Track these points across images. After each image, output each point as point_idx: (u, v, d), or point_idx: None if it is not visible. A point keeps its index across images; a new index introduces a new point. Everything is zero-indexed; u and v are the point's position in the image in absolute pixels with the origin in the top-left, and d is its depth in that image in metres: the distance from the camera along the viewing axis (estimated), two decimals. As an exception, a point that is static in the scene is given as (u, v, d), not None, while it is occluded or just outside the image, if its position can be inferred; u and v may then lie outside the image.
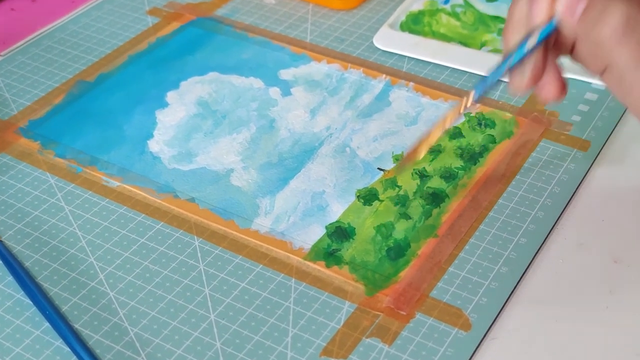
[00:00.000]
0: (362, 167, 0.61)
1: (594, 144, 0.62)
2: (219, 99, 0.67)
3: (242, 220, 0.57)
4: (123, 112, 0.67)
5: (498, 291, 0.52)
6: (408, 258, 0.54)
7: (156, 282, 0.53)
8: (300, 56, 0.72)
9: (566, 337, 0.49)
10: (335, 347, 0.49)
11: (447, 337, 0.49)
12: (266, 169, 0.61)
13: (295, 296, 0.52)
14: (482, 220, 0.56)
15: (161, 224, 0.57)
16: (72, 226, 0.57)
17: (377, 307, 0.51)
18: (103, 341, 0.50)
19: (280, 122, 0.65)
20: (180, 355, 0.49)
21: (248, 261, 0.54)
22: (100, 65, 0.72)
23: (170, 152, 0.63)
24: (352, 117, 0.65)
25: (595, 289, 0.52)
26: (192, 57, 0.72)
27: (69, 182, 0.60)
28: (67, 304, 0.52)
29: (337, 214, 0.57)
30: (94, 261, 0.54)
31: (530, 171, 0.60)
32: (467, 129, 0.63)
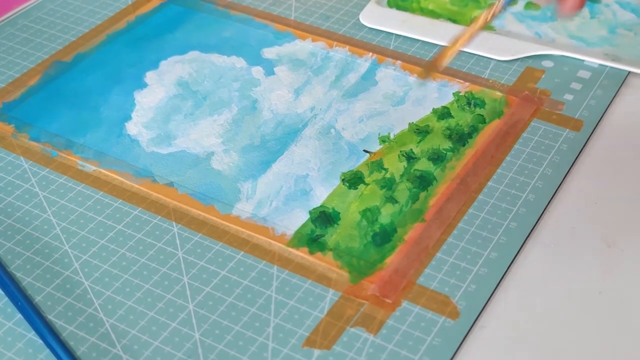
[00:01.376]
0: (348, 149, 0.59)
1: (587, 123, 0.60)
2: (200, 79, 0.65)
3: (222, 205, 0.55)
4: (100, 93, 0.64)
5: (487, 278, 0.50)
6: (394, 244, 0.52)
7: (133, 271, 0.51)
8: (284, 34, 0.70)
9: (558, 324, 0.48)
10: (319, 338, 0.47)
11: (435, 326, 0.48)
12: (248, 151, 0.59)
13: (278, 284, 0.50)
14: (471, 203, 0.54)
15: (139, 209, 0.55)
16: (46, 213, 0.55)
17: (362, 295, 0.49)
18: (77, 333, 0.48)
19: (262, 102, 0.63)
20: (157, 347, 0.47)
21: (229, 248, 0.52)
22: (77, 45, 0.69)
23: (149, 135, 0.61)
24: (338, 97, 0.63)
25: (588, 273, 0.51)
26: (172, 35, 0.70)
27: (43, 167, 0.58)
28: (41, 294, 0.50)
29: (321, 199, 0.55)
30: (68, 249, 0.53)
31: (521, 152, 0.58)
32: (456, 108, 0.62)
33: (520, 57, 0.66)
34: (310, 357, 0.46)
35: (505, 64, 0.66)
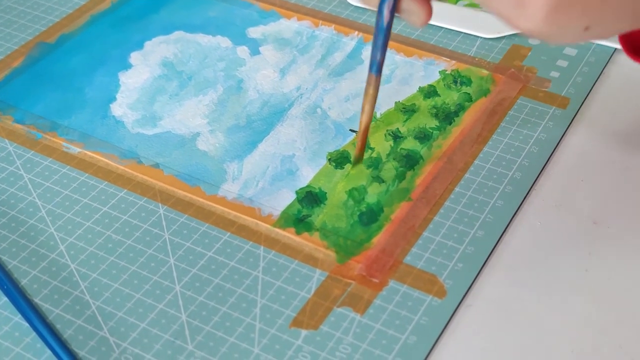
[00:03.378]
0: (334, 129, 0.59)
1: (573, 101, 0.60)
2: (185, 60, 0.65)
3: (208, 186, 0.55)
4: (84, 74, 0.64)
5: (474, 256, 0.50)
6: (381, 223, 0.52)
7: (119, 253, 0.51)
8: (270, 13, 0.69)
9: (545, 302, 0.48)
10: (306, 318, 0.47)
11: (422, 305, 0.48)
12: (234, 132, 0.59)
13: (264, 265, 0.50)
14: (457, 182, 0.54)
15: (124, 191, 0.55)
16: (31, 195, 0.55)
17: (348, 275, 0.49)
18: (64, 315, 0.48)
19: (248, 82, 0.63)
20: (144, 329, 0.47)
21: (215, 229, 0.52)
22: (61, 26, 0.69)
23: (134, 116, 0.60)
24: (323, 76, 0.63)
25: (575, 251, 0.51)
26: (157, 15, 0.69)
27: (28, 149, 0.58)
28: (26, 277, 0.50)
29: (307, 179, 0.55)
30: (54, 232, 0.52)
31: (508, 130, 0.58)
32: (442, 87, 0.61)
33: (506, 35, 0.66)
34: (298, 338, 0.46)
35: (491, 42, 0.65)
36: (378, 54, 0.47)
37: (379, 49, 0.47)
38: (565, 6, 0.41)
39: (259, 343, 0.46)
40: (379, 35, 0.46)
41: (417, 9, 0.45)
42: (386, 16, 0.44)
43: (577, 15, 0.41)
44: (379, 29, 0.45)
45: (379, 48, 0.47)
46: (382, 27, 0.45)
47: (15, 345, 0.46)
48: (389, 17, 0.44)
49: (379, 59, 0.47)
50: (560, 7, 0.40)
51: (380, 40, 0.46)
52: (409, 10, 0.45)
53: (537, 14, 0.41)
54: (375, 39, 0.46)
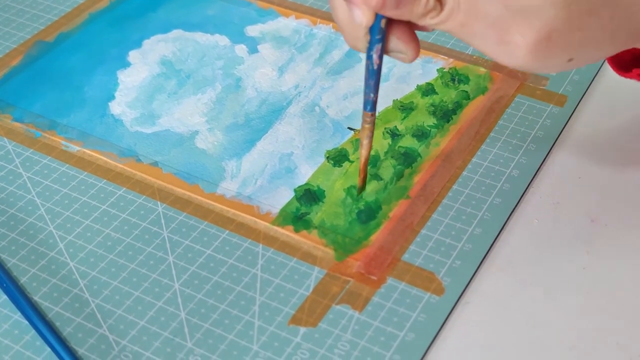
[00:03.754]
0: (332, 127, 0.59)
1: (571, 98, 0.60)
2: (183, 58, 0.65)
3: (207, 184, 0.55)
4: (83, 72, 0.64)
5: (472, 254, 0.50)
6: (379, 221, 0.52)
7: (118, 251, 0.51)
8: (268, 11, 0.69)
9: (542, 299, 0.48)
10: (304, 315, 0.47)
11: (420, 303, 0.48)
12: (232, 130, 0.59)
13: (263, 263, 0.50)
14: (455, 180, 0.55)
15: (123, 189, 0.55)
16: (30, 193, 0.55)
17: (347, 273, 0.50)
18: (63, 313, 0.48)
19: (246, 81, 0.63)
20: (143, 327, 0.47)
21: (214, 227, 0.52)
22: (59, 25, 0.69)
23: (133, 114, 0.60)
24: (322, 74, 0.63)
25: (572, 249, 0.51)
26: (155, 14, 0.69)
27: (27, 148, 0.58)
28: (26, 275, 0.50)
29: (306, 176, 0.55)
30: (53, 230, 0.52)
31: (505, 128, 0.58)
32: (440, 85, 0.62)
33: (504, 33, 0.66)
34: (296, 335, 0.47)
35: (489, 40, 0.65)
36: (371, 94, 0.48)
37: (372, 89, 0.47)
38: (547, 43, 0.41)
39: (257, 340, 0.46)
40: (370, 78, 0.47)
41: (405, 49, 0.45)
42: (375, 61, 0.45)
43: (559, 50, 0.42)
44: (370, 73, 0.46)
45: (371, 89, 0.47)
46: (372, 71, 0.46)
47: (15, 343, 0.47)
48: (378, 61, 0.45)
49: (372, 98, 0.48)
50: (542, 44, 0.41)
51: (372, 82, 0.47)
52: (397, 50, 0.45)
53: (520, 51, 0.41)
54: (366, 81, 0.47)
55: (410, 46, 0.45)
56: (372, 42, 0.44)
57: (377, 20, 0.43)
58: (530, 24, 0.40)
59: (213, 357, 0.46)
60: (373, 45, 0.45)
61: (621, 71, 0.52)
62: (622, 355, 0.46)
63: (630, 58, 0.51)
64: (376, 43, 0.44)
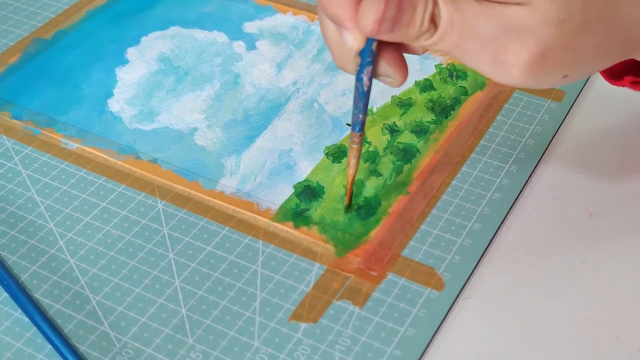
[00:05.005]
0: (331, 123, 0.59)
1: (569, 94, 0.60)
2: (181, 55, 0.65)
3: (206, 181, 0.55)
4: (82, 70, 0.64)
5: (471, 249, 0.50)
6: (379, 217, 0.52)
7: (118, 248, 0.51)
8: (265, 8, 0.69)
9: (542, 294, 0.48)
10: (305, 311, 0.48)
11: (420, 298, 0.48)
12: (231, 126, 0.59)
13: (263, 259, 0.50)
14: (454, 175, 0.55)
15: (123, 186, 0.55)
16: (29, 191, 0.55)
17: (347, 268, 0.50)
18: (64, 310, 0.48)
19: (245, 77, 0.63)
20: (144, 324, 0.47)
21: (214, 224, 0.52)
22: (57, 22, 0.69)
23: (131, 111, 0.60)
24: (320, 71, 0.63)
25: (571, 244, 0.51)
26: (153, 11, 0.69)
27: (26, 145, 0.58)
28: (26, 272, 0.50)
29: (305, 173, 0.55)
30: (53, 227, 0.53)
31: (503, 124, 0.58)
32: (439, 81, 0.62)
33: (501, 29, 0.66)
34: (297, 331, 0.47)
35: (486, 36, 0.66)
36: (360, 115, 0.48)
37: (361, 110, 0.47)
38: (542, 61, 0.41)
39: (258, 336, 0.46)
40: (359, 100, 0.46)
41: (393, 73, 0.45)
42: (365, 83, 0.45)
43: (554, 68, 0.42)
44: (360, 95, 0.46)
45: (360, 110, 0.47)
46: (362, 93, 0.46)
47: (16, 341, 0.47)
48: (368, 83, 0.45)
49: (361, 119, 0.48)
50: (536, 62, 0.41)
51: (361, 103, 0.47)
52: (386, 75, 0.45)
53: (515, 70, 0.41)
54: (355, 102, 0.47)
55: (399, 71, 0.45)
56: (362, 65, 0.44)
57: (368, 44, 0.43)
58: (524, 43, 0.40)
59: (214, 353, 0.46)
60: (363, 68, 0.44)
61: (613, 80, 0.52)
62: (621, 350, 0.46)
63: (621, 67, 0.51)
64: (367, 65, 0.44)
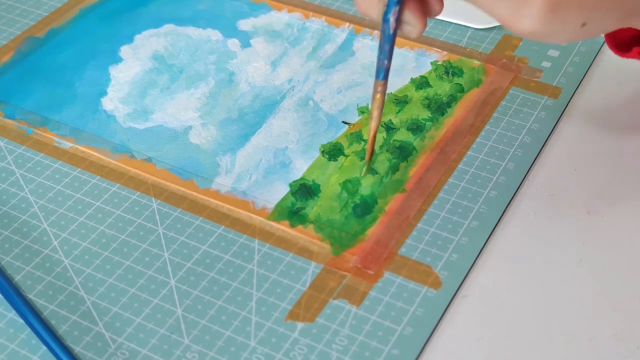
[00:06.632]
0: (326, 121, 0.59)
1: (565, 90, 0.60)
2: (175, 53, 0.65)
3: (201, 180, 0.55)
4: (75, 68, 0.64)
5: (468, 247, 0.50)
6: (375, 215, 0.52)
7: (113, 248, 0.51)
8: (260, 5, 0.69)
9: (539, 291, 0.48)
10: (302, 310, 0.47)
11: (417, 296, 0.48)
12: (226, 125, 0.59)
13: (259, 258, 0.50)
14: (450, 173, 0.54)
15: (117, 186, 0.55)
16: (23, 191, 0.54)
17: (344, 267, 0.49)
18: (59, 311, 0.48)
19: (239, 75, 0.63)
20: (139, 324, 0.47)
21: (209, 223, 0.52)
22: (50, 20, 0.68)
23: (125, 110, 0.60)
24: (315, 68, 0.63)
25: (569, 241, 0.51)
26: (146, 9, 0.69)
27: (19, 145, 0.58)
28: (20, 273, 0.50)
29: (301, 171, 0.55)
30: (47, 227, 0.52)
31: (500, 121, 0.58)
32: (434, 78, 0.61)
33: (497, 25, 0.66)
34: (294, 330, 0.46)
35: (482, 32, 0.65)
36: (385, 61, 0.48)
37: (386, 55, 0.48)
38: (564, 3, 0.42)
39: (255, 336, 0.46)
40: (385, 43, 0.47)
41: (414, 22, 0.47)
42: (392, 24, 0.46)
43: (574, 11, 0.42)
44: (386, 37, 0.46)
45: (386, 55, 0.48)
46: (389, 34, 0.46)
47: (10, 342, 0.46)
48: (394, 25, 0.46)
49: (386, 66, 0.48)
50: (559, 4, 0.42)
51: (387, 47, 0.47)
52: (407, 22, 0.47)
53: (537, 13, 0.42)
54: (381, 47, 0.47)
55: (420, 19, 0.47)
56: (389, 5, 0.45)
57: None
58: None
59: (210, 353, 0.45)
60: (390, 8, 0.45)
61: (621, 52, 0.52)
62: (620, 347, 0.46)
63: (628, 38, 0.52)
64: (394, 5, 0.45)
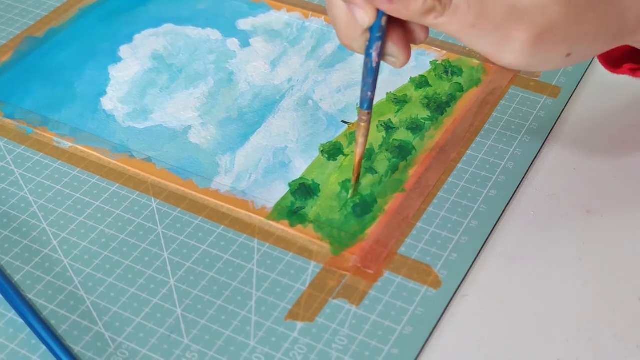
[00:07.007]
0: (326, 120, 0.59)
1: (564, 90, 0.60)
2: (175, 52, 0.65)
3: (201, 179, 0.55)
4: (74, 68, 0.64)
5: (468, 246, 0.50)
6: (375, 214, 0.52)
7: (112, 248, 0.51)
8: (259, 5, 0.69)
9: (539, 291, 0.48)
10: (301, 310, 0.47)
11: (417, 296, 0.48)
12: (225, 124, 0.59)
13: (259, 258, 0.50)
14: (450, 172, 0.54)
15: (117, 185, 0.55)
16: (22, 191, 0.54)
17: (343, 267, 0.49)
18: (58, 311, 0.48)
19: (239, 75, 0.63)
20: (139, 324, 0.47)
21: (208, 222, 0.52)
22: (49, 20, 0.68)
23: (125, 110, 0.60)
24: (314, 68, 0.63)
25: (568, 240, 0.51)
26: (146, 8, 0.69)
27: (18, 144, 0.58)
28: (20, 273, 0.50)
29: (300, 170, 0.55)
30: (46, 227, 0.52)
31: (499, 120, 0.58)
32: (434, 77, 0.61)
33: (496, 24, 0.66)
34: (294, 330, 0.46)
35: (481, 32, 0.65)
36: (369, 92, 0.48)
37: (370, 87, 0.48)
38: (549, 36, 0.42)
39: (255, 336, 0.46)
40: (368, 76, 0.47)
41: (398, 54, 0.46)
42: (375, 59, 0.46)
43: (559, 44, 0.43)
44: (369, 70, 0.46)
45: (369, 87, 0.48)
46: (371, 69, 0.46)
47: (10, 342, 0.46)
48: (377, 59, 0.46)
49: (370, 97, 0.48)
50: (542, 38, 0.42)
51: (370, 80, 0.47)
52: (391, 54, 0.46)
53: (520, 48, 0.42)
54: (364, 79, 0.47)
55: (403, 51, 0.46)
56: (371, 40, 0.45)
57: (378, 19, 0.43)
58: (533, 20, 0.41)
59: (210, 353, 0.45)
60: (372, 43, 0.45)
61: (612, 68, 0.52)
62: (619, 346, 0.46)
63: (620, 54, 0.52)
64: (376, 41, 0.45)
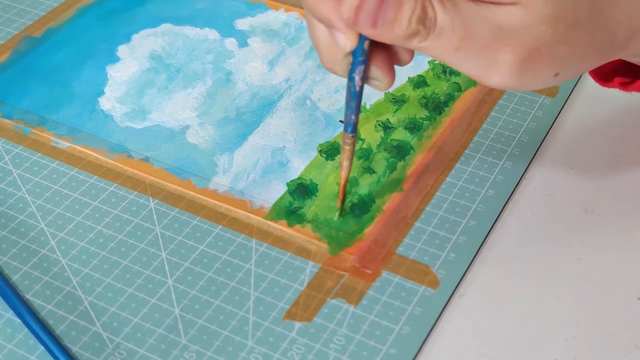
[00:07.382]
0: (324, 120, 0.59)
1: (562, 89, 0.60)
2: (173, 52, 0.65)
3: (199, 179, 0.55)
4: (72, 68, 0.64)
5: (466, 246, 0.50)
6: (373, 214, 0.52)
7: (110, 248, 0.51)
8: (257, 5, 0.69)
9: (537, 290, 0.48)
10: (299, 310, 0.47)
11: (415, 296, 0.48)
12: (223, 124, 0.59)
13: (257, 258, 0.50)
14: (448, 172, 0.54)
15: (114, 185, 0.55)
16: (20, 191, 0.54)
17: (341, 267, 0.49)
18: (56, 311, 0.47)
19: (237, 74, 0.63)
20: (137, 324, 0.47)
21: (206, 222, 0.52)
22: (47, 20, 0.68)
23: (123, 110, 0.60)
24: (313, 67, 0.63)
25: (566, 240, 0.51)
26: (144, 8, 0.69)
27: (16, 144, 0.58)
28: (17, 273, 0.50)
29: (298, 170, 0.55)
30: (44, 227, 0.52)
31: (498, 119, 0.58)
32: (432, 77, 0.61)
33: (494, 24, 0.66)
34: (291, 330, 0.46)
35: (480, 31, 0.65)
36: (352, 116, 0.47)
37: (353, 111, 0.47)
38: (536, 56, 0.41)
39: (252, 336, 0.46)
40: (352, 100, 0.46)
41: (382, 77, 0.45)
42: (357, 83, 0.45)
43: (546, 65, 0.42)
44: (352, 95, 0.46)
45: (353, 110, 0.47)
46: (354, 92, 0.45)
47: (8, 342, 0.46)
48: (360, 83, 0.45)
49: (353, 120, 0.48)
50: (531, 59, 0.41)
51: (353, 104, 0.46)
52: (375, 78, 0.45)
53: (507, 70, 0.41)
54: (347, 102, 0.47)
55: (387, 74, 0.45)
56: (354, 64, 0.44)
57: (360, 43, 0.43)
58: (519, 41, 0.41)
59: (208, 353, 0.45)
60: (355, 67, 0.44)
61: (602, 82, 0.52)
62: (618, 346, 0.46)
63: (610, 68, 0.52)
64: (359, 65, 0.44)
